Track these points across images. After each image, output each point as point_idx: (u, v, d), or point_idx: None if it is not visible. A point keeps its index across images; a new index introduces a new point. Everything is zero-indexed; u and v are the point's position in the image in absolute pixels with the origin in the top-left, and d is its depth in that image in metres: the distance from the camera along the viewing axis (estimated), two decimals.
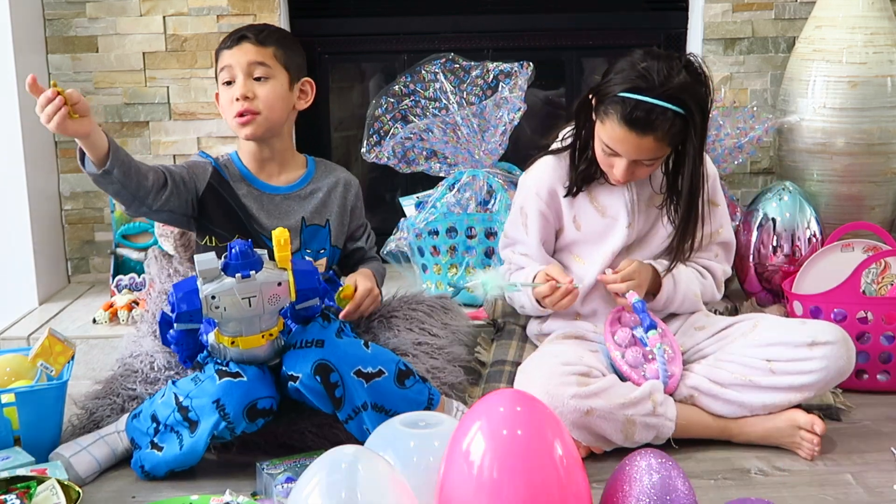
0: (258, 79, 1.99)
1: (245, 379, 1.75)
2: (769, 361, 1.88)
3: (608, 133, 1.92)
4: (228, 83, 2.00)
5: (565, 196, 2.08)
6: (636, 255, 2.08)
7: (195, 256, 1.74)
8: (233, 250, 1.72)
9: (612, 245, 2.07)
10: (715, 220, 2.10)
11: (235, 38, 2.01)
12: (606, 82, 1.93)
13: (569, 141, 2.08)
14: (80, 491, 1.62)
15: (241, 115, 1.98)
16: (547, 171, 2.10)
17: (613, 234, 2.07)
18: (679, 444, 1.89)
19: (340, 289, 1.99)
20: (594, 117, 1.96)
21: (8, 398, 1.82)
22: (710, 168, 2.11)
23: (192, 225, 2.04)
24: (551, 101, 3.09)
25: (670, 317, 2.09)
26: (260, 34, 2.02)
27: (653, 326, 1.95)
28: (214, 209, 2.01)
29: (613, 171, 1.97)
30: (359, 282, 2.03)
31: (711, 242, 2.11)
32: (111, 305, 2.57)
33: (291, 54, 2.04)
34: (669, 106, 1.86)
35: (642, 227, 2.08)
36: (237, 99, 1.98)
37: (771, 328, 1.94)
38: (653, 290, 2.03)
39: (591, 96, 1.97)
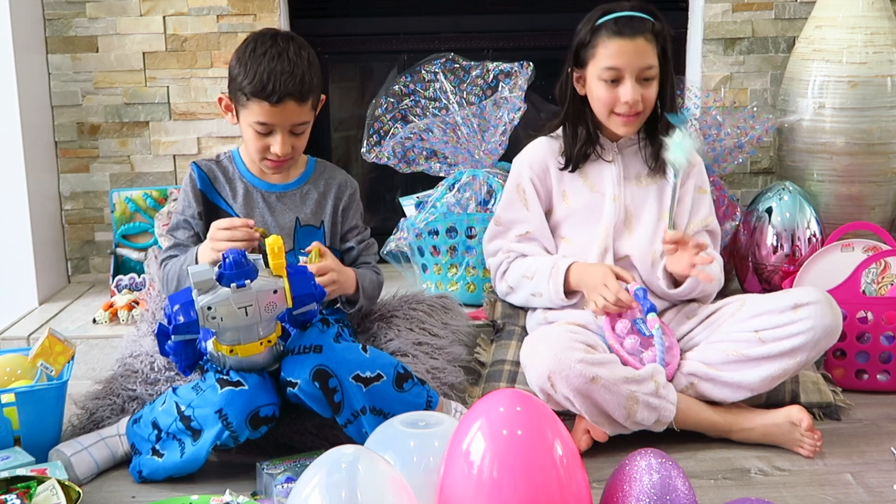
0: (296, 133, 1.97)
1: (246, 387, 1.75)
2: (757, 332, 1.91)
3: (605, 56, 2.03)
4: (263, 134, 1.95)
5: (562, 169, 2.13)
6: (632, 234, 2.10)
7: (189, 268, 1.73)
8: (226, 260, 1.70)
9: (604, 222, 2.09)
10: (704, 206, 2.15)
11: (280, 94, 1.89)
12: (577, 36, 2.09)
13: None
14: (81, 491, 1.62)
15: (273, 161, 1.97)
16: (539, 149, 2.17)
17: (602, 209, 2.10)
18: (679, 443, 1.89)
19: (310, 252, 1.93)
20: (577, 82, 2.11)
21: (8, 398, 1.82)
22: (696, 154, 2.16)
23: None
24: (551, 102, 3.08)
25: (663, 310, 2.09)
26: (302, 87, 1.91)
27: (652, 310, 1.97)
28: (212, 219, 2.01)
29: (621, 99, 2.03)
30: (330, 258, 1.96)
31: (704, 228, 2.14)
32: (111, 305, 2.57)
33: (320, 86, 1.99)
34: (642, 14, 2.05)
35: (630, 203, 2.11)
36: (274, 150, 1.95)
37: (756, 303, 1.98)
38: (681, 277, 2.05)
39: (569, 68, 2.11)
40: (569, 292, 2.08)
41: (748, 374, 1.90)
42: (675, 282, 2.07)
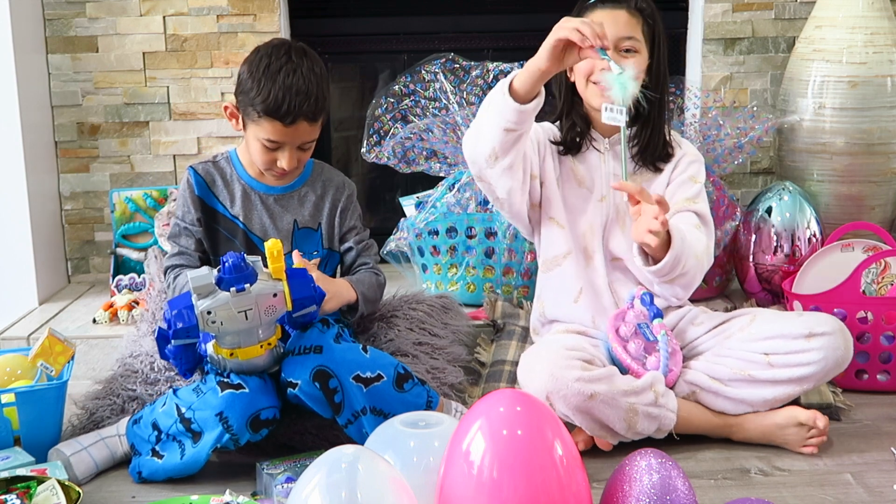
0: (304, 149, 1.97)
1: (247, 390, 1.75)
2: (767, 355, 1.89)
3: None
4: (272, 149, 1.94)
5: (554, 142, 2.09)
6: (626, 235, 2.05)
7: (188, 272, 1.73)
8: (225, 264, 1.69)
9: (591, 219, 2.06)
10: (692, 190, 2.06)
11: (294, 116, 1.89)
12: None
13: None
14: (81, 491, 1.62)
15: (279, 172, 1.97)
16: (543, 125, 2.12)
17: (590, 206, 2.07)
18: (679, 443, 1.89)
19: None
20: (570, 70, 2.05)
21: (8, 398, 1.82)
22: (696, 152, 2.12)
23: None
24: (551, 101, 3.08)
25: (666, 312, 2.08)
26: (316, 108, 1.91)
27: (658, 315, 1.96)
28: (210, 224, 2.03)
29: (597, 67, 1.95)
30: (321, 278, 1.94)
31: (687, 208, 2.04)
32: (111, 305, 2.57)
33: (329, 102, 1.98)
34: None
35: (622, 201, 2.05)
36: (281, 165, 1.95)
37: (767, 321, 1.95)
38: (658, 256, 1.92)
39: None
40: (524, 98, 1.86)
41: (752, 394, 1.90)
42: (652, 260, 1.94)
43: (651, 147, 2.07)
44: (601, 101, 1.99)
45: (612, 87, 1.84)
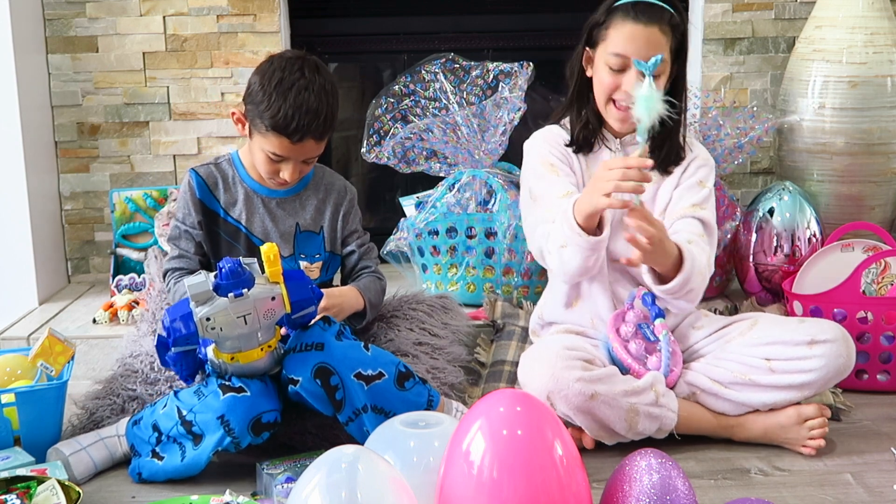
0: (308, 162, 1.97)
1: (248, 394, 1.75)
2: (768, 361, 1.89)
3: (615, 40, 1.95)
4: (275, 161, 1.94)
5: (567, 145, 2.07)
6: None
7: (185, 280, 1.72)
8: (222, 270, 1.69)
9: (606, 218, 2.03)
10: (697, 196, 2.03)
11: (302, 134, 1.88)
12: (595, 16, 2.01)
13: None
14: (81, 491, 1.62)
15: (280, 181, 1.97)
16: (552, 131, 2.10)
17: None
18: (679, 443, 1.89)
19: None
20: (587, 63, 2.03)
21: (8, 398, 1.82)
22: (707, 156, 2.10)
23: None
24: (552, 102, 3.09)
25: (667, 314, 2.08)
26: (324, 127, 1.91)
27: (660, 315, 1.96)
28: (211, 227, 2.02)
29: (622, 87, 1.95)
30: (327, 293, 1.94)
31: (692, 215, 2.01)
32: (111, 305, 2.57)
33: (336, 121, 1.97)
34: (663, 4, 1.96)
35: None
36: (283, 176, 1.95)
37: (769, 327, 1.94)
38: (670, 276, 1.93)
39: (582, 47, 2.03)
40: (588, 228, 1.90)
41: (752, 397, 1.90)
42: (662, 279, 1.94)
43: (667, 156, 2.04)
44: (621, 126, 2.01)
45: (638, 105, 1.82)
